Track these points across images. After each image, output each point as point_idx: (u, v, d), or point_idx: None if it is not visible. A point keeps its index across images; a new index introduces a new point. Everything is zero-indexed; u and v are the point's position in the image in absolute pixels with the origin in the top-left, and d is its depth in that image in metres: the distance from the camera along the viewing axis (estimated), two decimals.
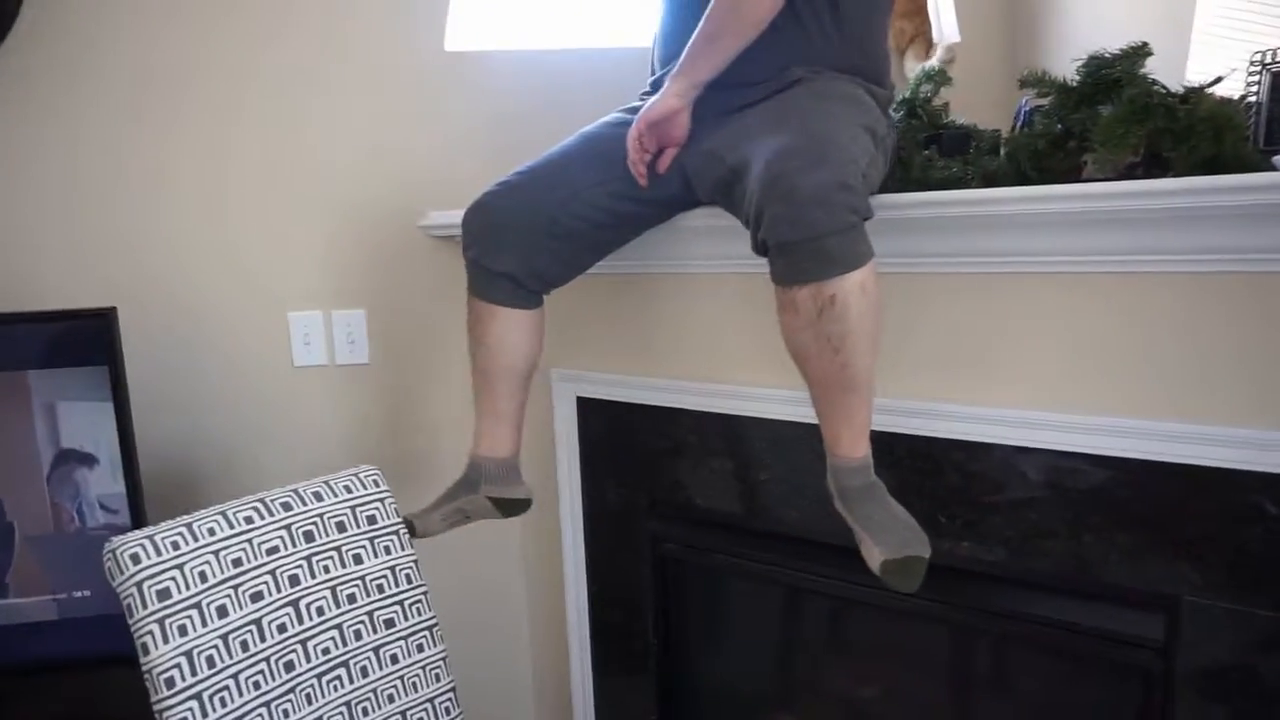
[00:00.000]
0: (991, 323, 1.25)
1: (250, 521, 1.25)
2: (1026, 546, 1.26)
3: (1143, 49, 1.15)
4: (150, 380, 1.72)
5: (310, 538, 1.30)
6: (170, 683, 1.12)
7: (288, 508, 1.30)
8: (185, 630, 1.14)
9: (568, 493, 1.80)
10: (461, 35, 1.81)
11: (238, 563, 1.22)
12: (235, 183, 1.78)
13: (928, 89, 1.49)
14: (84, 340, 1.49)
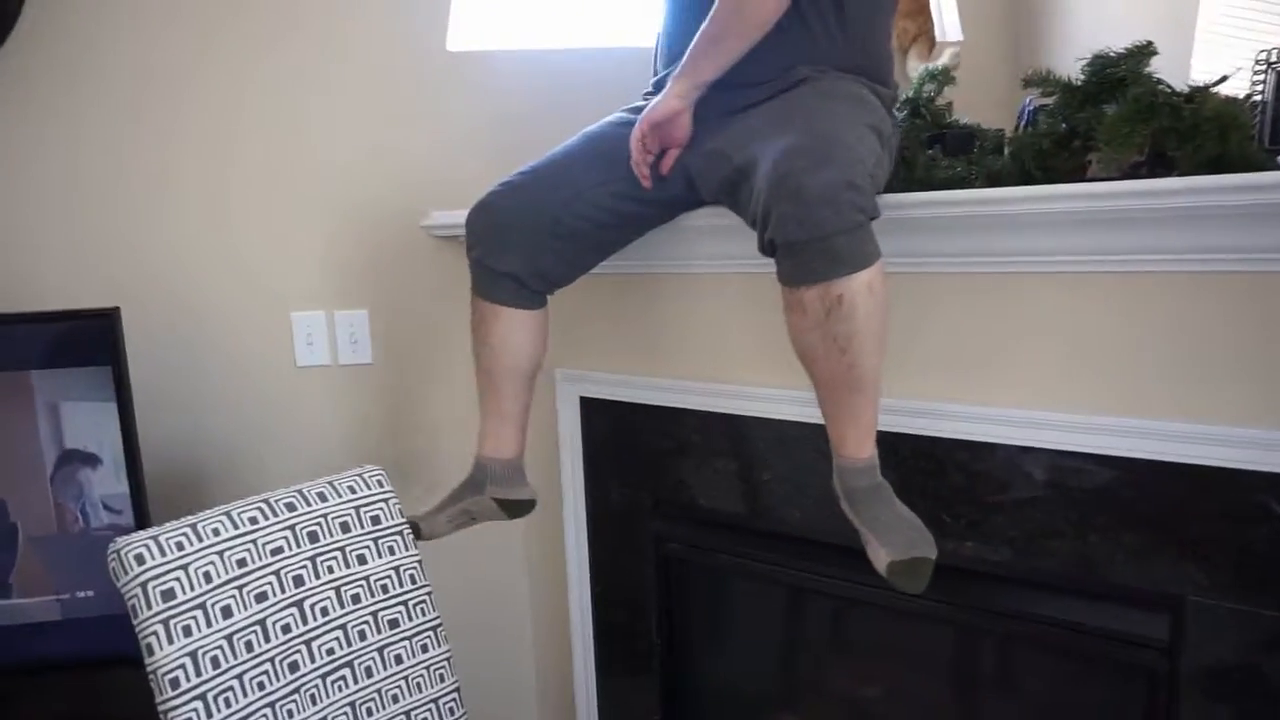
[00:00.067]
0: (996, 322, 1.25)
1: (255, 522, 1.25)
2: (1031, 546, 1.26)
3: (1148, 48, 1.15)
4: (153, 380, 1.72)
5: (314, 538, 1.30)
6: (175, 683, 1.12)
7: (292, 508, 1.30)
8: (190, 631, 1.14)
9: (571, 493, 1.80)
10: (463, 35, 1.81)
11: (242, 563, 1.22)
12: (238, 183, 1.78)
13: (931, 88, 1.49)
14: (87, 340, 1.49)
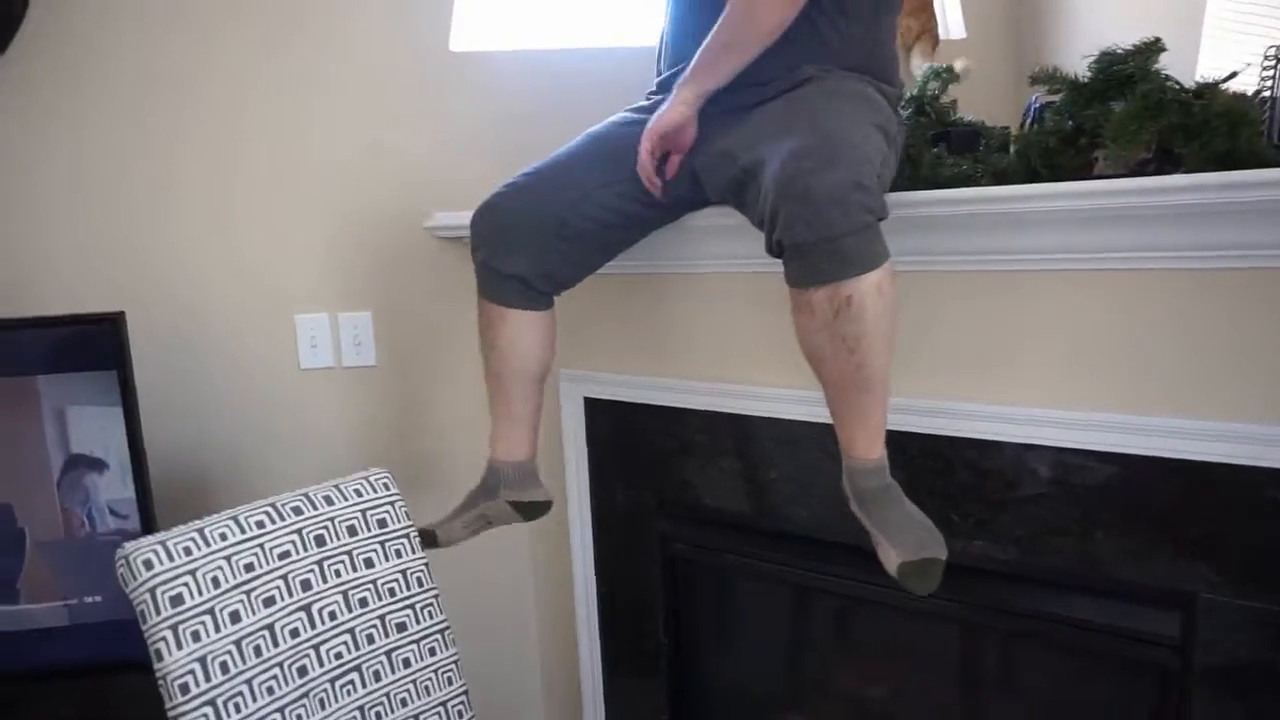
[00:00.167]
0: (1004, 321, 1.25)
1: (261, 526, 1.25)
2: (1040, 544, 1.25)
3: (1155, 44, 1.14)
4: (157, 384, 1.71)
5: (321, 542, 1.30)
6: (184, 689, 1.11)
7: (298, 512, 1.29)
8: (199, 636, 1.14)
9: (576, 494, 1.80)
10: (466, 36, 1.81)
11: (250, 567, 1.21)
12: (240, 185, 1.77)
13: (935, 86, 1.49)
14: (92, 345, 1.48)
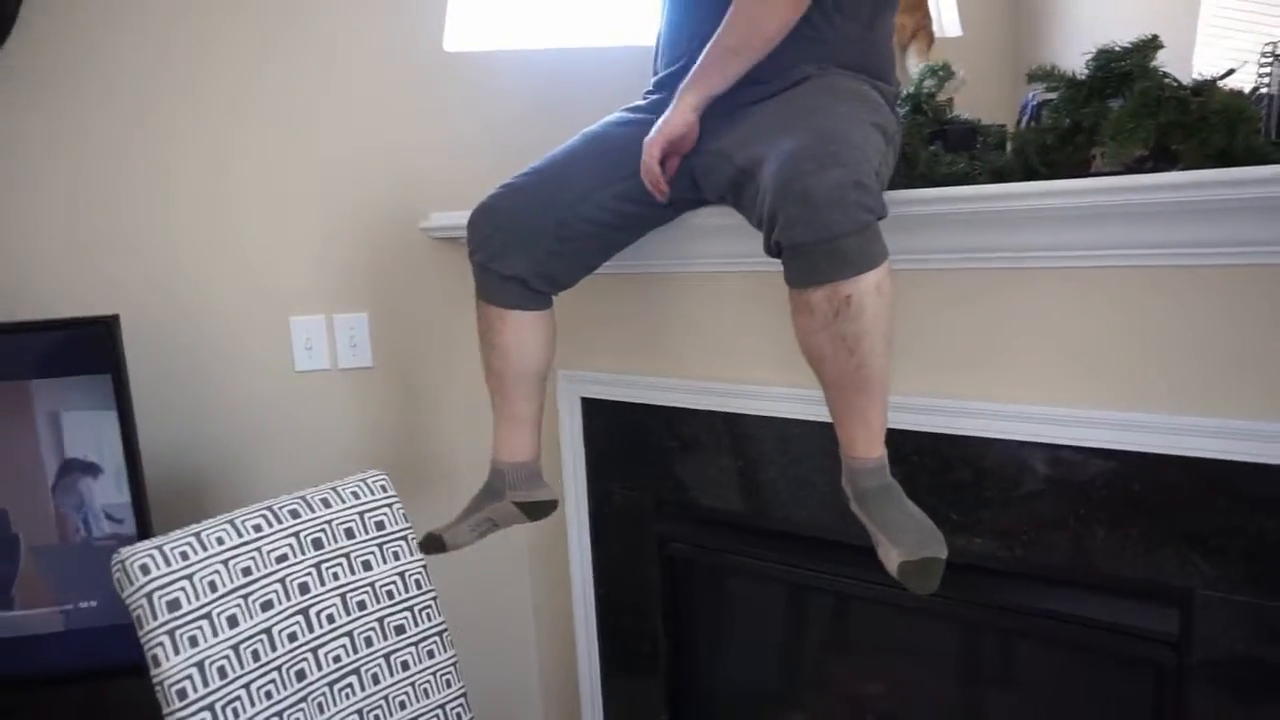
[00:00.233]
0: (1002, 318, 1.24)
1: (259, 529, 1.24)
2: (1039, 542, 1.25)
3: (1153, 42, 1.14)
4: (152, 386, 1.71)
5: (319, 545, 1.29)
6: (182, 694, 1.11)
7: (296, 515, 1.29)
8: (196, 641, 1.13)
9: (573, 494, 1.79)
10: (460, 36, 1.80)
11: (247, 571, 1.21)
12: (235, 186, 1.76)
13: (931, 84, 1.49)
14: (86, 348, 1.47)
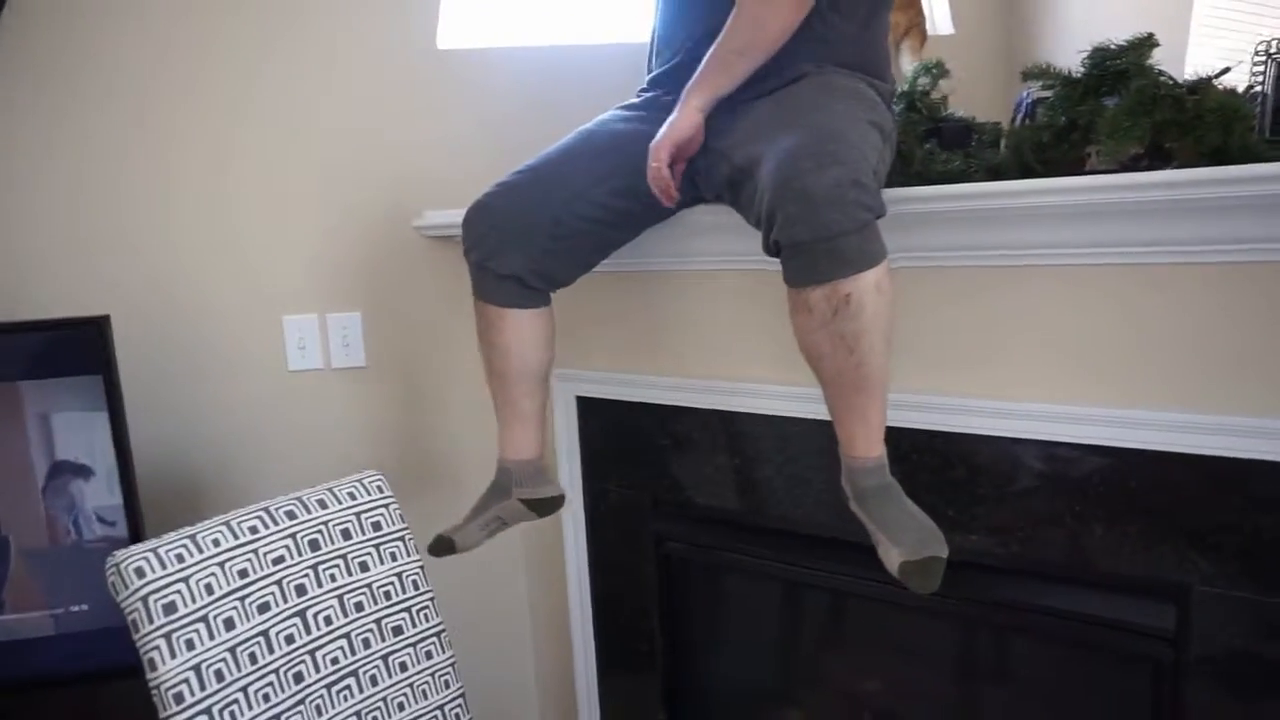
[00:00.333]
0: (998, 316, 1.25)
1: (255, 531, 1.23)
2: (1035, 538, 1.26)
3: (1149, 40, 1.15)
4: (142, 386, 1.69)
5: (316, 546, 1.28)
6: (179, 698, 1.10)
7: (292, 516, 1.28)
8: (193, 644, 1.12)
9: (569, 493, 1.79)
10: (454, 33, 1.79)
11: (244, 574, 1.20)
12: (228, 186, 1.75)
13: (925, 82, 1.49)
14: (77, 349, 1.46)
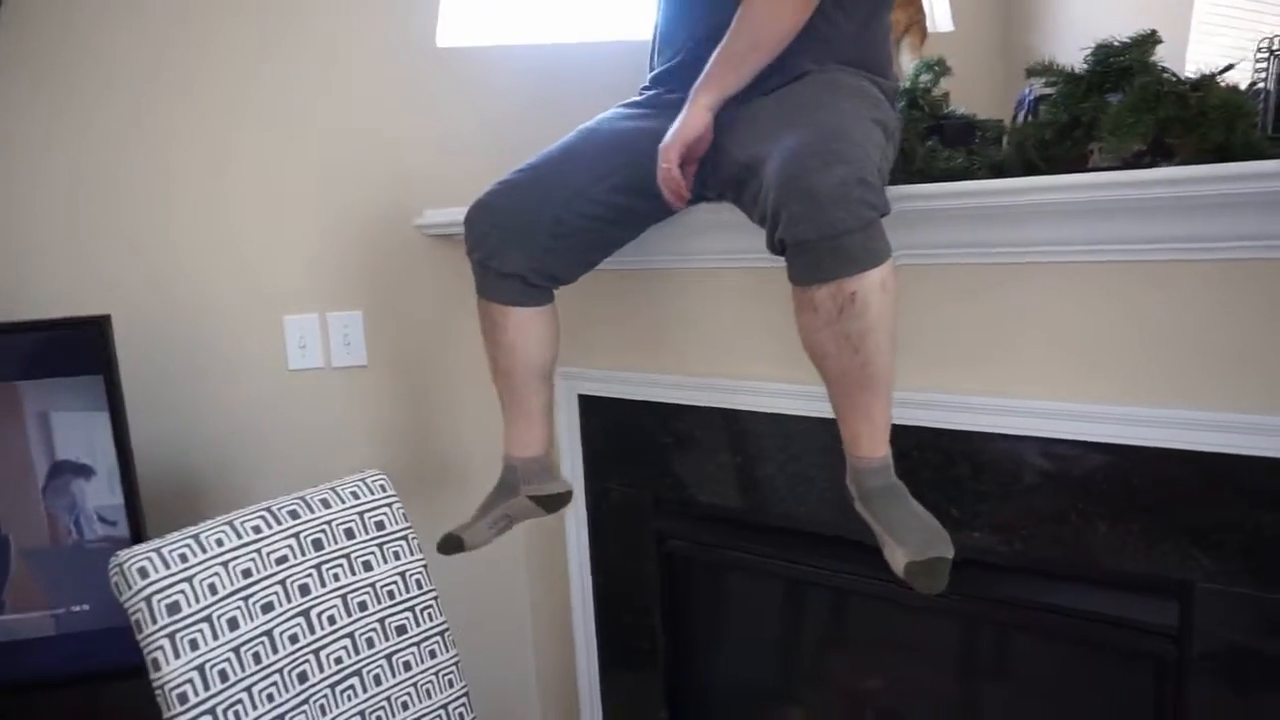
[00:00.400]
0: (1001, 313, 1.25)
1: (258, 531, 1.23)
2: (1038, 535, 1.26)
3: (1152, 36, 1.15)
4: (145, 385, 1.68)
5: (319, 545, 1.28)
6: (183, 698, 1.09)
7: (295, 515, 1.27)
8: (196, 644, 1.12)
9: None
10: (453, 31, 1.78)
11: (247, 573, 1.19)
12: (227, 185, 1.74)
13: (927, 79, 1.49)
14: (77, 349, 1.45)
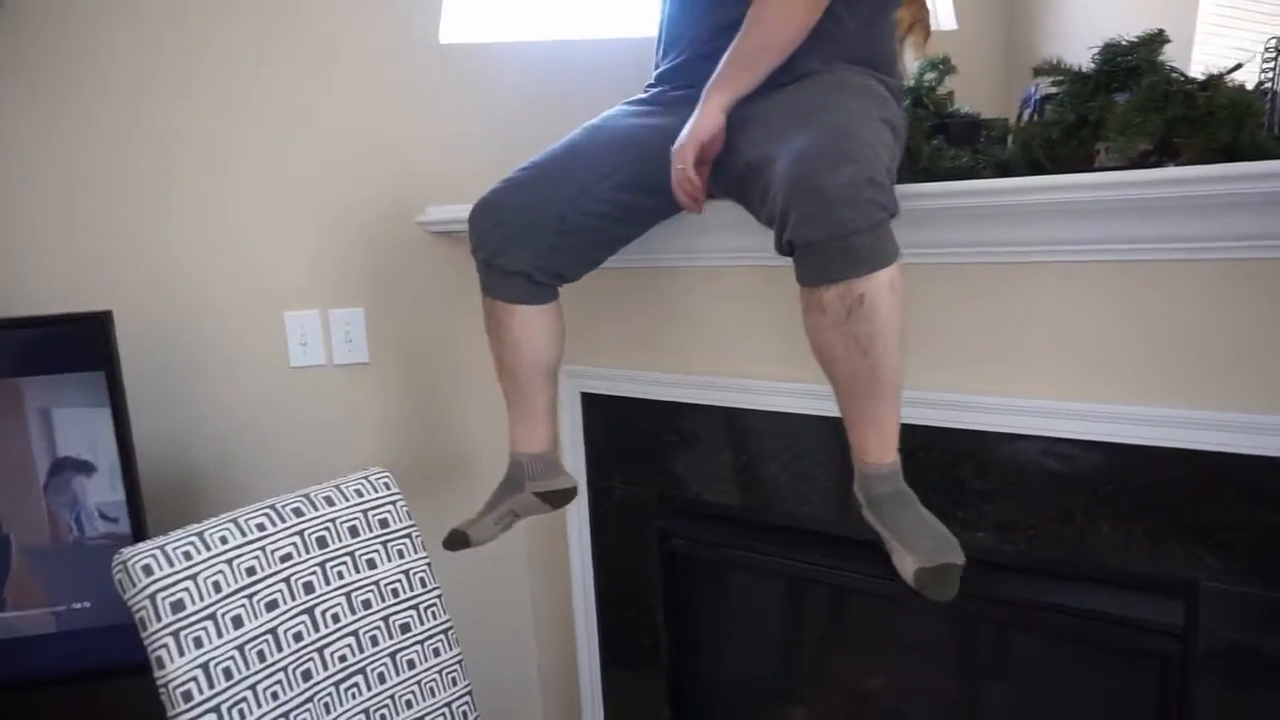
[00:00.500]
0: (1007, 313, 1.25)
1: (262, 529, 1.22)
2: (1044, 535, 1.26)
3: (1160, 36, 1.15)
4: (146, 382, 1.68)
5: (323, 543, 1.27)
6: (188, 696, 1.09)
7: (299, 513, 1.27)
8: (201, 642, 1.12)
9: None
10: (456, 27, 1.78)
11: (251, 571, 1.19)
12: (229, 181, 1.74)
13: (932, 78, 1.49)
14: (79, 345, 1.45)
